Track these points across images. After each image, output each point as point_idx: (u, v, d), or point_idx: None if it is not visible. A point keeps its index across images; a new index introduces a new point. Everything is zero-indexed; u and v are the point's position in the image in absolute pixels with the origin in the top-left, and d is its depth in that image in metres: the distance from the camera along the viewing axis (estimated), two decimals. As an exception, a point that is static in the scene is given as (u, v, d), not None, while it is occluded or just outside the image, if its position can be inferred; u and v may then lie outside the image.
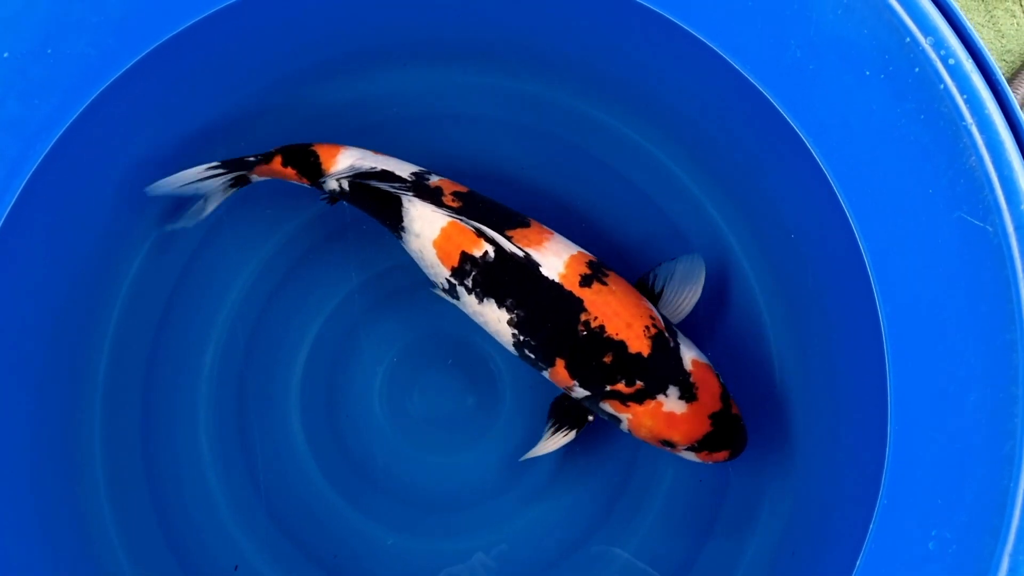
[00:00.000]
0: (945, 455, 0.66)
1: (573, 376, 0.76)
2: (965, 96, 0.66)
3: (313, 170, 0.80)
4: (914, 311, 0.70)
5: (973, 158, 0.66)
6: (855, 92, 0.72)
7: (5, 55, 0.74)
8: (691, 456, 0.77)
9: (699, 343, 0.81)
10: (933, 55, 0.67)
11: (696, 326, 0.84)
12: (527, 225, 0.77)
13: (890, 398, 0.70)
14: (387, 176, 0.78)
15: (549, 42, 0.86)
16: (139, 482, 0.86)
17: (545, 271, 0.75)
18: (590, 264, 0.76)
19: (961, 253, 0.68)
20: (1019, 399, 0.63)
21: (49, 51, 0.75)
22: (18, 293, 0.81)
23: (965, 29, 0.66)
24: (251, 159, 0.81)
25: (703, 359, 0.77)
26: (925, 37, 0.67)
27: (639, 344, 0.74)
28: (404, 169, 0.79)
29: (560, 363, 0.76)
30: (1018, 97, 1.05)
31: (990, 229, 0.66)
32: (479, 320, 0.78)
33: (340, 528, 0.87)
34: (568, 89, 0.89)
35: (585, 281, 0.75)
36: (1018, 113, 0.65)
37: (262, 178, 0.82)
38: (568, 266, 0.75)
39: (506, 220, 0.77)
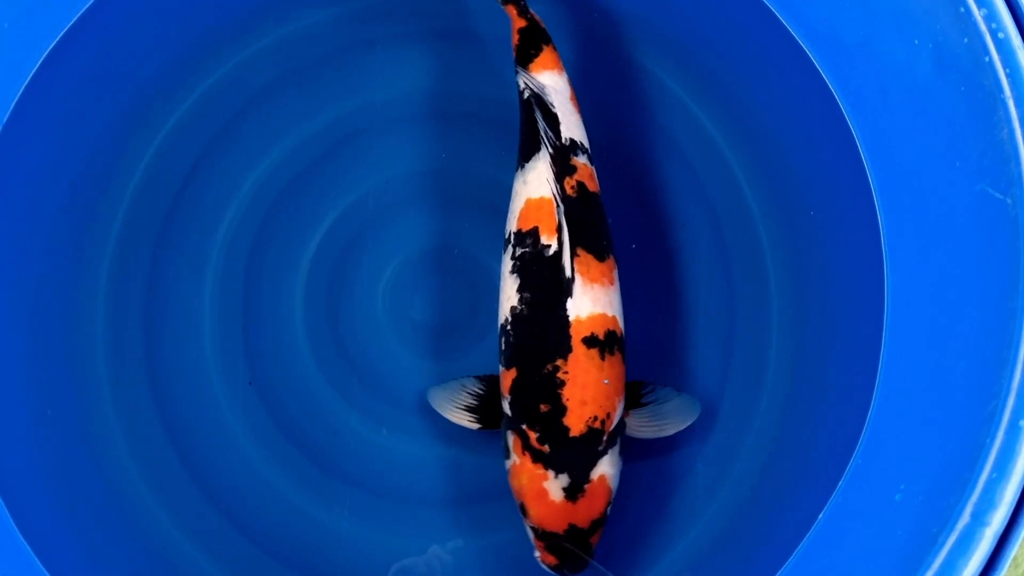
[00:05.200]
0: (930, 410, 0.67)
1: (510, 392, 0.76)
2: (1008, 70, 0.68)
3: (523, 58, 0.81)
4: (921, 276, 0.72)
5: (1005, 131, 0.68)
6: (900, 60, 0.74)
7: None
8: (529, 533, 0.76)
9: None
10: (984, 27, 0.69)
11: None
12: (602, 259, 0.76)
13: (882, 354, 0.71)
14: (551, 122, 0.78)
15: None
16: (139, 366, 0.86)
17: (569, 304, 0.74)
18: (608, 334, 0.75)
19: (978, 223, 0.69)
20: (1009, 362, 0.64)
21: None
22: (33, 167, 0.82)
23: (1018, 5, 0.68)
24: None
25: (611, 484, 0.75)
26: (979, 9, 0.69)
27: (575, 422, 0.73)
28: (569, 131, 0.79)
29: (512, 373, 0.76)
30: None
31: (1009, 201, 0.67)
32: (501, 278, 0.79)
33: (326, 417, 0.88)
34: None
35: (589, 342, 0.74)
36: (1057, 90, 0.66)
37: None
38: (590, 319, 0.74)
39: (591, 239, 0.76)
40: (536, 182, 0.77)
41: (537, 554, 0.75)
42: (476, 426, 0.80)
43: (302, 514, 0.85)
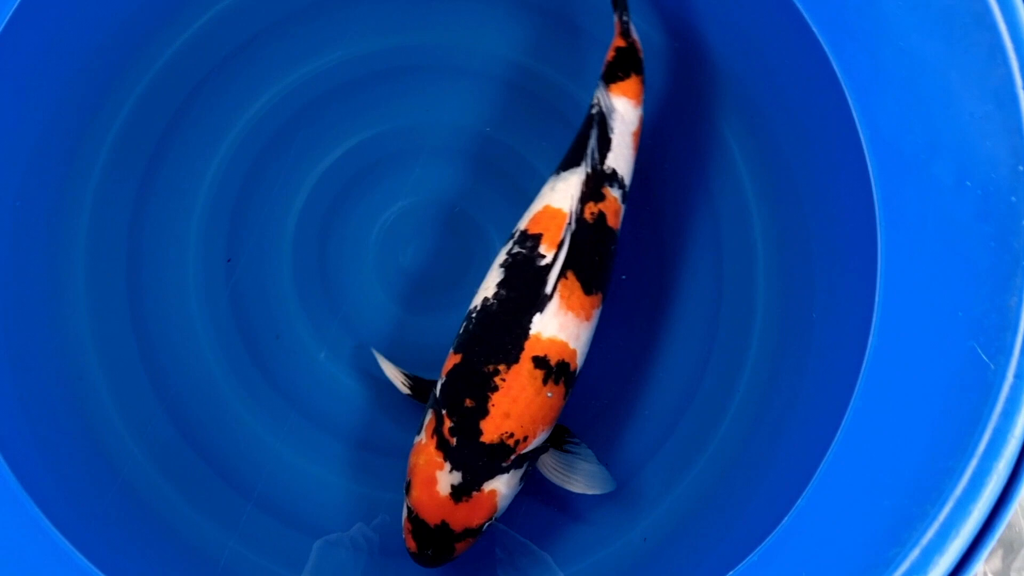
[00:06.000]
0: (838, 537, 0.66)
1: (447, 374, 0.75)
2: (1042, 240, 0.66)
3: (608, 75, 0.81)
4: (887, 404, 0.72)
5: (1015, 299, 0.66)
6: (948, 193, 0.73)
7: None
8: (404, 511, 0.75)
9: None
10: (1035, 192, 0.67)
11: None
12: (588, 292, 0.75)
13: (821, 468, 0.71)
14: (602, 145, 0.78)
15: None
16: (119, 287, 0.87)
17: (536, 319, 0.73)
18: (561, 364, 0.74)
19: (956, 377, 0.68)
20: (929, 516, 0.63)
21: None
22: (26, 78, 0.82)
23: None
24: (627, 19, 0.82)
25: (498, 503, 0.73)
26: (1038, 173, 0.67)
27: (490, 429, 0.72)
28: (615, 162, 0.78)
29: (457, 358, 0.75)
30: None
31: (992, 367, 0.65)
32: (490, 266, 0.78)
33: (279, 322, 0.88)
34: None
35: (538, 362, 0.73)
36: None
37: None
38: (549, 341, 0.73)
39: (587, 269, 0.75)
40: (562, 193, 0.77)
41: (404, 533, 0.75)
42: (406, 391, 0.81)
43: (233, 408, 0.86)
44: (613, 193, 0.78)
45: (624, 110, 0.79)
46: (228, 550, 0.81)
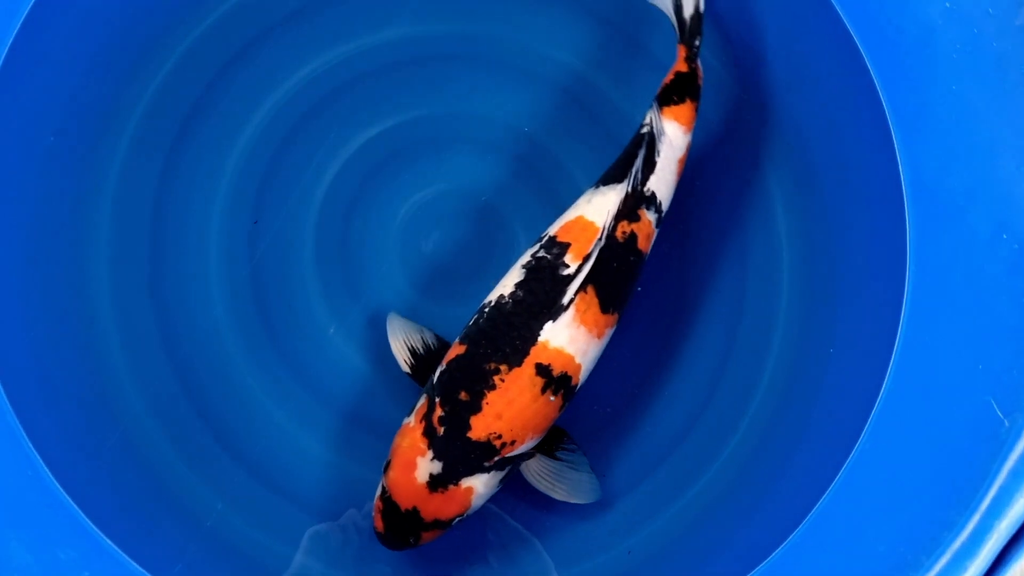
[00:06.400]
0: None
1: (448, 363, 0.75)
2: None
3: (664, 97, 0.80)
4: (893, 449, 0.70)
5: (1040, 354, 0.65)
6: (979, 247, 0.72)
7: None
8: (378, 489, 0.75)
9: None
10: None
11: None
12: (605, 310, 0.74)
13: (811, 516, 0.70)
14: (647, 167, 0.77)
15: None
16: (141, 272, 0.86)
17: (547, 327, 0.73)
18: (563, 376, 0.73)
19: (969, 429, 0.67)
20: (923, 567, 0.61)
21: None
22: (50, 68, 0.82)
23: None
24: (695, 45, 0.80)
25: (473, 501, 0.73)
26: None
27: (480, 427, 0.72)
28: (656, 186, 0.77)
29: (461, 349, 0.75)
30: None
31: (1006, 424, 0.65)
32: (512, 264, 0.78)
33: (293, 292, 0.88)
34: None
35: (541, 370, 0.73)
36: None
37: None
38: (556, 351, 0.73)
39: (608, 287, 0.74)
40: (598, 206, 0.76)
41: (372, 511, 0.75)
42: (407, 369, 0.80)
43: (238, 371, 0.86)
44: (648, 216, 0.77)
45: (674, 135, 0.79)
46: (216, 512, 0.81)
